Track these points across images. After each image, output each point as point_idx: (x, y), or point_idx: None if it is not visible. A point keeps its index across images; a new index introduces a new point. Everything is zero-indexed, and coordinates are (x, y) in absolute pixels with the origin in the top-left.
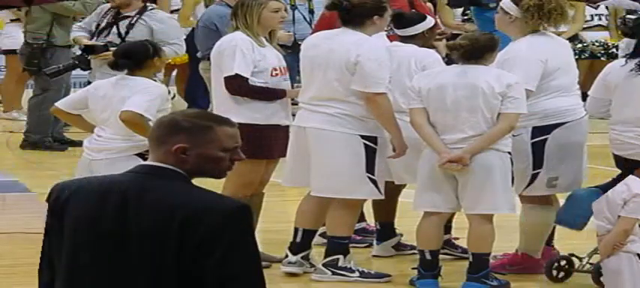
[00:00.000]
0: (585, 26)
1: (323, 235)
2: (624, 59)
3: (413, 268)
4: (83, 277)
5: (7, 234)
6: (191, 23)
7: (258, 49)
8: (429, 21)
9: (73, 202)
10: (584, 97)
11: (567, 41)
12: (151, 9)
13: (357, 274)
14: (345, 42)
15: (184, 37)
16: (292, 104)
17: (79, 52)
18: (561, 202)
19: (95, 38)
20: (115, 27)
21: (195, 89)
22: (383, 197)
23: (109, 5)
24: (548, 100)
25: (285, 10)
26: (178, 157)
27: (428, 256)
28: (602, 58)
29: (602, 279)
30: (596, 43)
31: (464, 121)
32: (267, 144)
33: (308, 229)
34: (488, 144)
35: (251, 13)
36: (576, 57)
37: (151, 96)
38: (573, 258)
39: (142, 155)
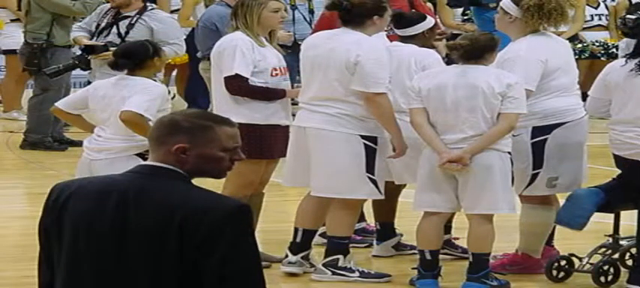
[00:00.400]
0: (585, 26)
1: (323, 235)
2: (624, 59)
3: (413, 268)
4: (83, 277)
5: None
6: (191, 23)
7: (258, 49)
8: (429, 21)
9: (73, 203)
10: (584, 97)
11: (567, 41)
12: (151, 9)
13: (357, 274)
14: (345, 42)
15: (184, 37)
16: (292, 104)
17: (79, 52)
18: (561, 202)
19: (95, 38)
20: (115, 27)
21: (195, 89)
22: (383, 197)
23: (109, 5)
24: (548, 100)
25: (285, 10)
26: (178, 157)
27: (428, 256)
28: (602, 58)
29: None
30: (596, 43)
31: (464, 121)
32: (267, 144)
33: (308, 229)
34: (488, 144)
35: (251, 13)
36: (576, 57)
37: (151, 96)
38: (573, 258)
39: (142, 155)
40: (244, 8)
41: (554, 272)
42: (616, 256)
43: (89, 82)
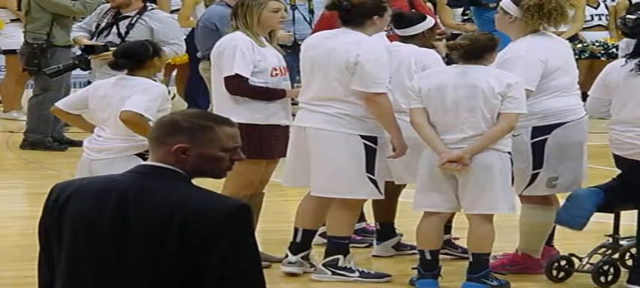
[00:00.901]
0: (585, 26)
1: (323, 235)
2: (624, 59)
3: (413, 268)
4: (83, 277)
5: None
6: (191, 23)
7: (258, 49)
8: (429, 21)
9: (73, 203)
10: (584, 97)
11: (567, 41)
12: (151, 9)
13: (357, 274)
14: (345, 42)
15: (184, 37)
16: (292, 104)
17: (79, 52)
18: (561, 202)
19: (95, 38)
20: (115, 27)
21: (195, 89)
22: (383, 197)
23: (109, 5)
24: (548, 100)
25: (285, 10)
26: (178, 157)
27: (428, 256)
28: (602, 58)
29: None
30: (596, 43)
31: (464, 121)
32: (267, 144)
33: (308, 229)
34: (488, 144)
35: (251, 13)
36: (576, 57)
37: (151, 96)
38: (573, 258)
39: (142, 155)
40: (244, 8)
41: (554, 272)
42: (616, 256)
43: (89, 82)
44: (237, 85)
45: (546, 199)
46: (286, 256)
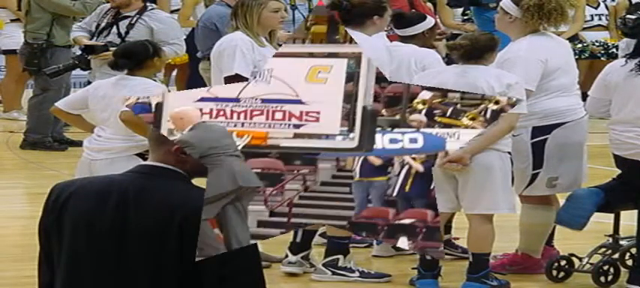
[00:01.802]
0: (585, 26)
1: (323, 235)
2: (624, 59)
3: (413, 268)
4: (83, 277)
5: None
6: (191, 23)
7: (258, 49)
8: (429, 21)
9: (73, 202)
10: (584, 97)
11: (567, 41)
12: (151, 9)
13: (357, 274)
14: None
15: (184, 37)
16: None
17: (79, 52)
18: (561, 202)
19: (95, 38)
20: (115, 27)
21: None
22: None
23: (109, 5)
24: (548, 100)
25: (285, 10)
26: (178, 157)
27: (428, 256)
28: (602, 58)
29: None
30: (596, 43)
31: None
32: None
33: (308, 229)
34: (488, 144)
35: (251, 13)
36: (576, 57)
37: None
38: (573, 258)
39: (142, 155)
40: (244, 8)
41: (554, 272)
42: (616, 256)
43: (89, 82)
44: None
45: (546, 199)
46: (286, 256)
